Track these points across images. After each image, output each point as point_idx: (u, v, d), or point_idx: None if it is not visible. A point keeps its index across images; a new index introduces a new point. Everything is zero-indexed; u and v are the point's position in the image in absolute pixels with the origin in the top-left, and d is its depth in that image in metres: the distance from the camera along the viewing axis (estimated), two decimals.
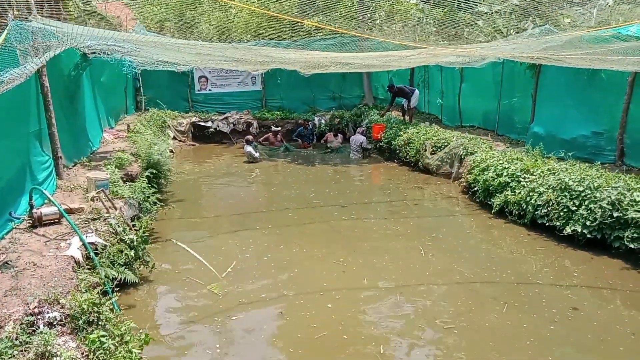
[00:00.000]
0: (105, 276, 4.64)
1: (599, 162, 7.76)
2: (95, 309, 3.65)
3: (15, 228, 5.21)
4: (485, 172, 8.34)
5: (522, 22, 12.19)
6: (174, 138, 14.58)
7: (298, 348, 4.44)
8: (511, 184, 7.72)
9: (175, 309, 5.12)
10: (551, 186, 6.99)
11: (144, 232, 5.66)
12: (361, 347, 4.43)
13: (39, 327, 3.36)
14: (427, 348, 4.46)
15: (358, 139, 13.24)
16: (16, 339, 3.17)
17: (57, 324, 3.48)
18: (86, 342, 3.37)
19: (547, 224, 6.90)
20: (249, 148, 12.83)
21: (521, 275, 5.84)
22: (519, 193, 7.43)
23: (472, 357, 4.29)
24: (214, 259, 6.16)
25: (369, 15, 13.86)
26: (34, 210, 5.35)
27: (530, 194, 7.22)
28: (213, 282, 5.57)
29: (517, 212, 7.42)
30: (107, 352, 3.35)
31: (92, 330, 3.50)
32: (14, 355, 3.03)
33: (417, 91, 13.48)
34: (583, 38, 7.18)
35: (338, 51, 9.39)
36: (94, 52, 8.36)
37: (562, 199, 6.71)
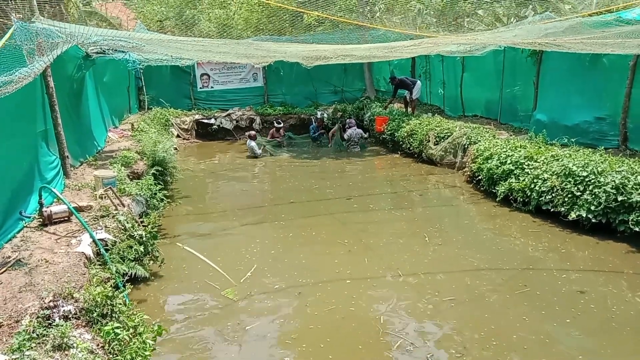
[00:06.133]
0: (116, 271, 4.72)
1: (603, 147, 7.75)
2: (109, 301, 3.72)
3: (26, 227, 5.29)
4: (489, 161, 8.36)
5: (523, 10, 12.16)
6: (178, 136, 14.66)
7: (318, 323, 4.71)
8: (515, 172, 7.74)
9: (186, 303, 5.19)
10: (555, 172, 7.01)
11: (152, 228, 5.73)
12: (363, 318, 4.76)
13: (54, 320, 3.43)
14: (423, 317, 4.73)
15: (357, 132, 13.39)
16: (33, 332, 3.24)
17: (72, 317, 3.55)
18: (101, 334, 3.45)
19: (551, 210, 6.92)
20: (252, 143, 12.90)
21: (526, 261, 5.88)
22: (523, 180, 7.45)
23: (463, 324, 4.52)
24: (224, 257, 6.19)
25: (368, 7, 13.85)
26: (44, 209, 5.42)
27: (535, 180, 7.24)
28: (226, 280, 5.55)
29: (521, 200, 7.44)
30: (122, 343, 3.43)
31: (107, 322, 3.57)
32: (32, 347, 3.10)
33: (418, 82, 13.49)
34: (584, 23, 7.19)
35: (339, 44, 9.43)
36: (98, 52, 8.41)
37: (566, 184, 6.73)
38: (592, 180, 6.43)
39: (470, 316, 4.69)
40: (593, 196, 6.33)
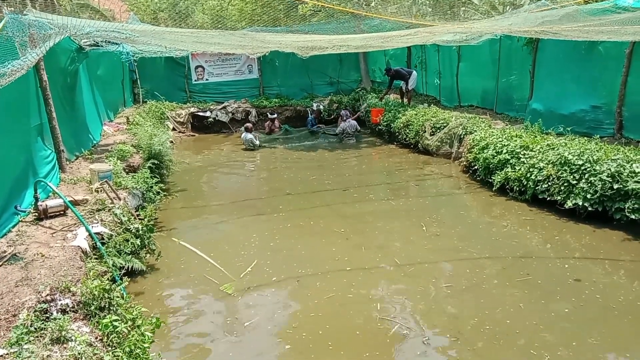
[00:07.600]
0: (113, 264, 4.71)
1: (598, 136, 7.77)
2: (106, 295, 3.71)
3: (22, 221, 5.26)
4: (485, 151, 8.37)
5: None
6: (174, 129, 14.57)
7: (319, 311, 4.76)
8: (511, 161, 7.75)
9: (184, 296, 5.19)
10: (551, 161, 7.02)
11: (149, 221, 5.72)
12: (361, 305, 4.83)
13: (52, 314, 3.42)
14: (419, 303, 4.80)
15: (351, 123, 13.36)
16: (31, 326, 3.24)
17: (70, 311, 3.54)
18: (99, 327, 3.44)
19: (548, 198, 6.95)
20: (249, 135, 12.85)
21: (523, 249, 5.90)
22: (519, 169, 7.46)
23: (459, 311, 4.59)
24: (221, 249, 6.19)
25: None
26: (39, 203, 5.40)
27: (531, 169, 7.26)
28: (223, 274, 5.53)
29: (517, 189, 7.46)
30: (121, 335, 3.42)
31: (104, 315, 3.56)
32: (30, 341, 3.10)
33: (414, 73, 13.45)
34: (581, 11, 7.17)
35: (334, 34, 9.38)
36: (91, 45, 8.33)
37: (562, 173, 6.75)
38: (588, 169, 6.45)
39: (466, 303, 4.74)
40: (589, 184, 6.35)
